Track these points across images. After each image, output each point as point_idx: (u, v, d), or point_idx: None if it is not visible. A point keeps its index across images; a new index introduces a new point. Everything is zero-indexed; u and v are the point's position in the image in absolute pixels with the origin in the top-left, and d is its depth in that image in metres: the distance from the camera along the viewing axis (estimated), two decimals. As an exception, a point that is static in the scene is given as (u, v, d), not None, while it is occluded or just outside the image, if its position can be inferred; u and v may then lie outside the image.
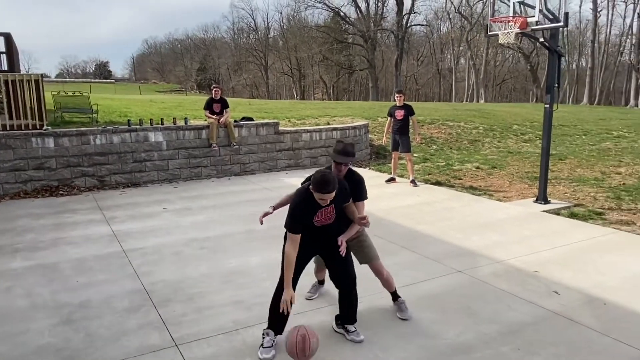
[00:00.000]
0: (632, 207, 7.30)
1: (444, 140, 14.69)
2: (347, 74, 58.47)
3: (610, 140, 16.16)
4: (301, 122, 14.03)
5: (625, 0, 44.01)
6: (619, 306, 4.02)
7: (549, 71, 7.31)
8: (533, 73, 44.61)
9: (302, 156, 11.13)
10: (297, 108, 18.36)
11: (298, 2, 52.25)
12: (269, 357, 3.25)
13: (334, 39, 51.61)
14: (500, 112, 21.53)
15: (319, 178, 3.08)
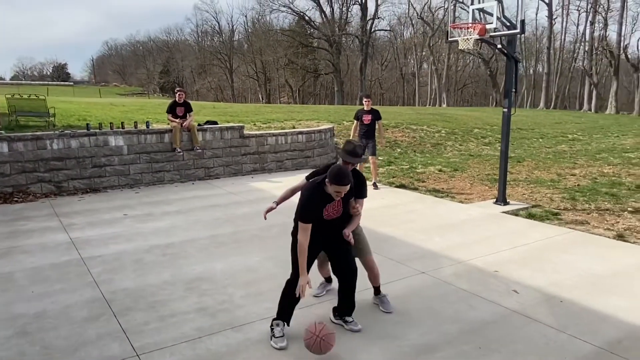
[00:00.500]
0: (586, 207, 7.60)
1: (408, 144, 14.93)
2: (312, 78, 58.67)
3: (565, 143, 16.80)
4: (267, 125, 13.97)
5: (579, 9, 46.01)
6: (574, 303, 4.17)
7: (507, 76, 7.53)
8: (492, 78, 45.94)
9: (267, 160, 11.08)
10: (263, 112, 18.28)
11: (263, 6, 52.25)
12: (284, 345, 3.43)
13: (299, 42, 51.72)
14: (461, 116, 22.06)
15: (338, 172, 3.25)
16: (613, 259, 5.25)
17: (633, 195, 8.40)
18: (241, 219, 6.99)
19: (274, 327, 3.56)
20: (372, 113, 9.11)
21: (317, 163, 11.78)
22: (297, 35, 52.52)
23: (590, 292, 4.39)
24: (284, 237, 6.07)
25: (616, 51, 38.95)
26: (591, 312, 3.99)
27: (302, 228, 3.36)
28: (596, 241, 5.92)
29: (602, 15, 40.68)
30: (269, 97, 59.94)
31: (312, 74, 55.99)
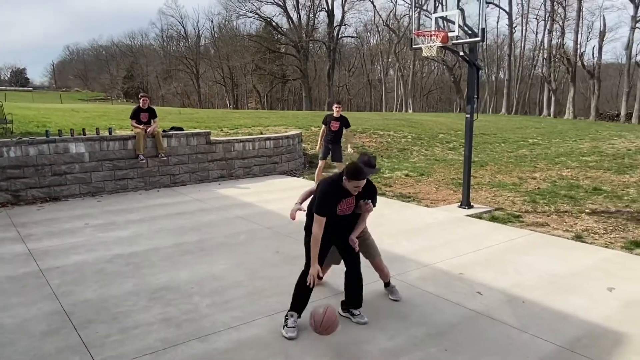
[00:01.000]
0: (546, 210, 7.84)
1: (375, 149, 15.07)
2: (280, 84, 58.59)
3: (526, 148, 17.31)
4: (234, 131, 13.85)
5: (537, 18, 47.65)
6: (536, 303, 4.28)
7: (469, 83, 7.71)
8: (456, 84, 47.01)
9: (235, 166, 10.98)
10: (230, 117, 18.12)
11: (229, 11, 51.86)
12: (294, 335, 3.66)
13: (267, 48, 51.59)
14: (427, 122, 22.44)
15: (355, 168, 3.54)
16: (572, 260, 5.42)
17: (590, 198, 8.72)
18: (207, 226, 6.89)
19: (288, 317, 3.77)
20: (341, 120, 9.11)
21: (285, 169, 11.75)
22: (265, 41, 52.37)
23: (550, 292, 4.52)
24: (251, 243, 6.04)
25: (573, 59, 40.51)
26: (552, 312, 4.10)
27: (318, 221, 3.58)
28: (556, 242, 6.11)
29: (560, 24, 42.25)
30: (237, 102, 59.51)
31: (280, 79, 55.91)
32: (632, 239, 6.13)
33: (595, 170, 12.00)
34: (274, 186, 10.12)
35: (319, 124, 17.71)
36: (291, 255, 5.60)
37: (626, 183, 10.19)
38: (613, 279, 4.82)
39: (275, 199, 8.70)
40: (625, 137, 21.05)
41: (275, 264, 5.30)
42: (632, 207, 7.96)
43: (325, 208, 3.60)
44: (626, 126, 30.15)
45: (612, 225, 6.82)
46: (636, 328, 3.81)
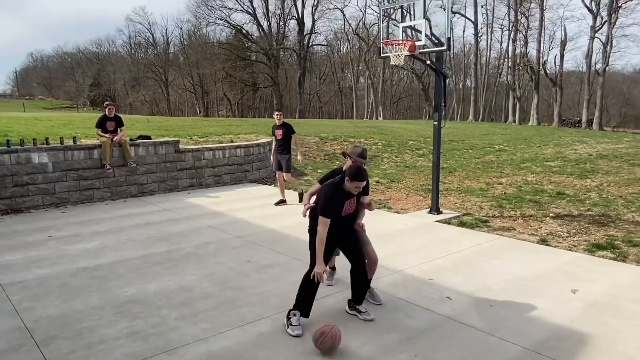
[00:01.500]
0: (512, 214, 8.03)
1: (346, 156, 15.15)
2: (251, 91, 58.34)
3: (493, 154, 17.72)
4: (204, 140, 13.69)
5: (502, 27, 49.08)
6: (503, 307, 4.36)
7: (437, 91, 7.85)
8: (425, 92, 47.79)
9: (204, 175, 10.84)
10: (200, 125, 17.92)
11: (199, 19, 51.39)
12: (300, 332, 3.80)
13: (237, 56, 51.34)
14: (397, 129, 22.73)
15: (357, 171, 3.78)
16: (537, 263, 5.55)
17: (554, 202, 8.97)
18: (176, 236, 6.77)
19: (291, 317, 3.91)
20: (284, 127, 8.79)
21: (256, 177, 11.67)
22: (235, 49, 52.11)
23: (517, 295, 4.61)
24: (221, 253, 5.96)
25: (536, 67, 41.79)
26: (518, 315, 4.19)
27: (323, 222, 3.77)
28: (521, 246, 6.25)
29: (523, 33, 43.58)
30: (207, 110, 58.90)
31: (250, 87, 55.67)
32: (594, 242, 6.33)
33: (559, 175, 12.37)
34: (245, 194, 10.04)
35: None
36: (262, 264, 5.55)
37: (588, 187, 10.54)
38: (576, 281, 4.96)
39: (246, 208, 8.63)
40: (587, 142, 21.80)
41: (246, 274, 5.24)
42: (593, 211, 8.23)
43: (330, 210, 3.81)
44: (587, 132, 31.25)
45: (575, 229, 7.03)
46: (599, 328, 3.93)
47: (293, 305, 3.98)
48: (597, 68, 40.22)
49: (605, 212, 8.11)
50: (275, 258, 5.76)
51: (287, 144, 8.84)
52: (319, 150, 15.11)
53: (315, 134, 17.52)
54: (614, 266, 5.45)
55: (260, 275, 5.18)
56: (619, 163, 14.83)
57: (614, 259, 5.69)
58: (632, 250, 5.99)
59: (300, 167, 12.99)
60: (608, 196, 9.51)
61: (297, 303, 3.98)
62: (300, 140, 15.76)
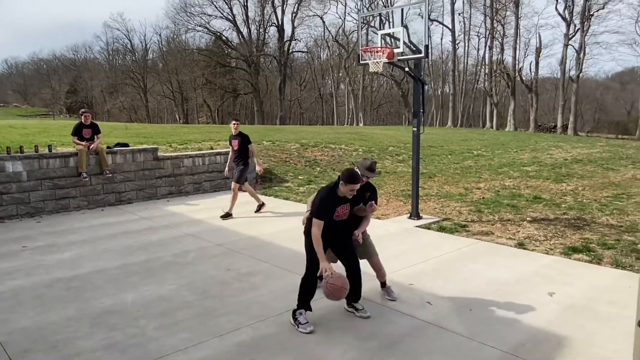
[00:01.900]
0: (491, 219, 8.13)
1: (327, 163, 15.17)
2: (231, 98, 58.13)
3: (471, 159, 17.96)
4: (183, 147, 13.57)
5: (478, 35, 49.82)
6: (482, 311, 4.40)
7: (415, 98, 7.93)
8: (404, 98, 48.22)
9: (184, 182, 10.73)
10: (179, 132, 17.76)
11: (177, 25, 51.18)
12: (312, 329, 3.98)
13: (217, 62, 51.15)
14: (377, 135, 22.87)
15: (350, 174, 3.90)
16: (515, 267, 5.63)
17: (531, 206, 9.12)
18: (155, 245, 6.68)
19: (297, 316, 4.07)
20: (240, 137, 8.53)
21: (236, 184, 11.59)
22: (215, 55, 51.90)
23: (496, 299, 4.67)
24: (200, 261, 5.89)
25: (512, 74, 42.62)
26: (497, 319, 4.23)
27: (316, 224, 3.91)
28: (500, 250, 6.33)
29: (499, 41, 44.42)
30: (187, 117, 58.44)
31: (231, 93, 55.48)
32: (570, 245, 6.45)
33: (535, 179, 12.59)
34: (225, 202, 9.95)
35: (272, 138, 17.70)
36: (243, 272, 5.50)
37: (563, 191, 10.75)
38: (553, 284, 5.04)
39: (226, 215, 8.55)
40: (562, 147, 22.26)
41: (226, 282, 5.19)
42: (569, 214, 8.39)
43: (323, 212, 3.93)
44: (563, 137, 31.92)
45: (551, 232, 7.16)
46: (575, 331, 3.99)
47: (297, 305, 4.13)
48: (571, 75, 41.22)
49: (580, 216, 8.28)
50: (256, 266, 5.72)
51: (243, 155, 8.59)
52: (300, 157, 15.10)
53: (296, 140, 17.52)
54: (589, 269, 5.56)
55: (241, 284, 5.13)
56: (594, 167, 15.18)
57: (589, 262, 5.80)
58: (606, 252, 6.12)
59: (282, 173, 12.97)
60: (583, 200, 9.72)
61: (301, 302, 4.13)
62: (281, 147, 15.75)
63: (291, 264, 5.75)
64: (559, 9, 39.94)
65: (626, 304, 4.45)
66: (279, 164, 13.95)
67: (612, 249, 6.28)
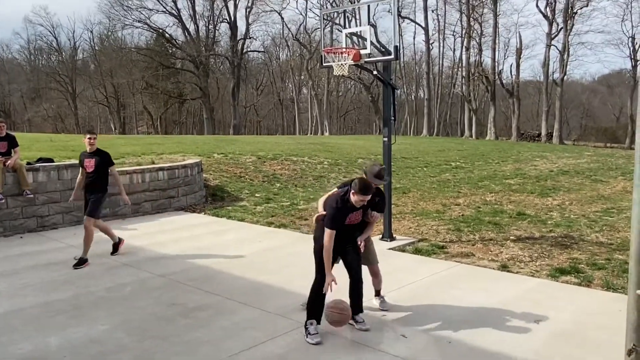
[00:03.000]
0: (471, 239, 8.31)
1: (288, 177, 15.19)
2: (177, 104, 57.57)
3: (449, 172, 18.36)
4: (120, 161, 13.29)
5: (454, 34, 51.38)
6: (463, 342, 4.46)
7: (385, 104, 8.07)
8: (374, 104, 49.05)
9: (120, 203, 10.47)
10: (115, 144, 17.41)
11: (113, 20, 50.38)
12: (320, 340, 4.44)
13: (159, 63, 50.65)
14: (344, 145, 23.10)
15: (363, 184, 4.44)
16: (498, 292, 5.76)
17: (514, 223, 9.39)
18: (85, 278, 6.49)
19: (308, 326, 4.55)
20: (98, 156, 7.56)
21: (182, 204, 11.44)
22: (157, 55, 51.41)
23: (478, 328, 4.75)
24: (139, 296, 5.77)
25: (491, 77, 44.10)
26: (480, 351, 4.30)
27: (329, 234, 4.44)
28: (482, 274, 6.47)
29: (476, 40, 45.93)
30: (124, 126, 57.45)
31: (176, 99, 54.92)
32: (557, 266, 6.65)
33: (519, 193, 12.98)
34: (170, 225, 9.81)
35: (224, 150, 17.62)
36: (189, 307, 5.41)
37: (549, 206, 11.12)
38: (540, 310, 5.18)
39: (170, 240, 8.42)
40: (547, 157, 23.09)
41: (170, 319, 5.09)
42: (555, 232, 8.67)
43: (335, 222, 4.49)
44: (547, 146, 33.14)
45: (537, 252, 7.37)
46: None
47: (307, 315, 4.61)
48: (555, 78, 43.01)
49: (568, 233, 8.56)
50: (205, 299, 5.64)
51: (99, 180, 7.46)
52: (256, 172, 15.06)
53: (252, 152, 17.48)
54: (578, 292, 5.75)
55: (187, 320, 5.04)
56: (581, 179, 15.79)
57: (578, 284, 5.99)
58: (596, 274, 6.34)
59: (235, 191, 12.89)
60: (570, 215, 10.07)
61: (311, 312, 4.61)
62: (235, 160, 15.68)
63: (246, 297, 5.70)
64: (540, 7, 41.78)
65: (617, 329, 4.60)
66: (232, 179, 13.87)
67: (603, 269, 6.52)
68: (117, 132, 52.34)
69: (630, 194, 12.33)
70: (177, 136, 34.33)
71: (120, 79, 51.63)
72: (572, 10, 40.29)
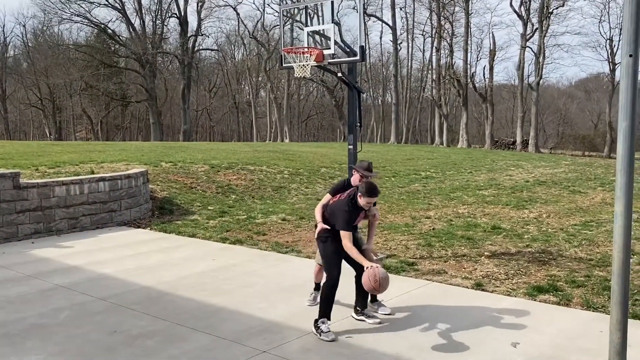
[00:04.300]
0: (443, 254, 8.43)
1: (245, 188, 15.11)
2: (120, 107, 56.73)
3: (418, 182, 18.63)
4: (55, 171, 13.01)
5: (423, 34, 52.48)
6: (435, 368, 4.50)
7: (350, 109, 8.13)
8: (338, 109, 49.36)
9: (55, 217, 10.23)
10: (50, 152, 17.05)
11: (48, 14, 49.41)
12: (334, 337, 5.08)
13: (100, 62, 49.90)
14: (306, 153, 23.16)
15: (370, 187, 5.15)
16: (472, 313, 5.84)
17: (489, 238, 9.57)
18: (15, 302, 6.28)
19: (320, 324, 5.13)
20: None
21: (126, 218, 11.22)
22: (98, 53, 50.64)
23: (451, 353, 4.80)
24: (77, 322, 5.63)
25: (463, 80, 45.13)
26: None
27: (346, 236, 5.18)
28: (455, 293, 6.56)
29: (447, 41, 46.99)
30: (60, 131, 56.22)
31: (118, 101, 54.16)
32: (535, 284, 6.81)
33: (493, 205, 13.26)
34: (111, 242, 9.60)
35: (173, 158, 17.42)
36: (134, 333, 5.29)
37: (525, 219, 11.39)
38: (517, 331, 5.28)
39: (112, 259, 8.24)
40: (523, 167, 23.71)
41: (112, 349, 4.96)
42: (532, 247, 8.88)
43: (350, 224, 5.25)
44: (523, 155, 34.05)
45: (513, 269, 7.53)
46: (543, 386, 4.18)
47: (319, 314, 5.15)
48: (530, 81, 44.30)
49: (545, 248, 8.78)
50: (152, 325, 5.53)
51: None
52: (209, 182, 14.93)
53: (205, 160, 17.33)
54: (557, 311, 5.89)
55: (132, 349, 4.93)
56: (559, 190, 16.26)
57: (557, 303, 6.14)
58: (576, 292, 6.52)
59: (186, 203, 12.73)
60: (548, 229, 10.34)
61: (323, 311, 5.17)
62: (185, 170, 15.52)
63: (198, 321, 5.61)
64: (514, 6, 43.14)
65: (598, 352, 4.74)
66: (182, 191, 13.70)
67: (582, 287, 6.70)
68: (53, 138, 51.14)
69: (610, 205, 12.78)
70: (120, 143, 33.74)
71: (56, 79, 50.47)
72: (548, 10, 41.71)
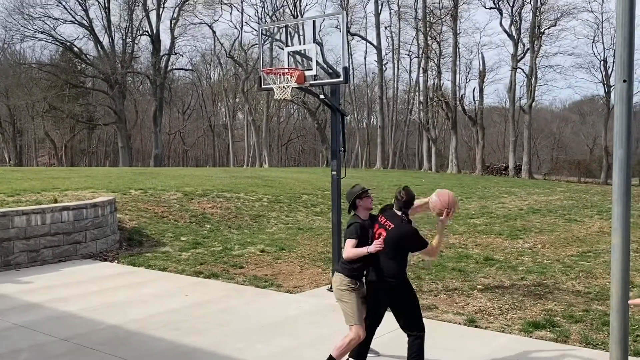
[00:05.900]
0: (433, 288, 8.43)
1: (220, 217, 15.04)
2: (86, 130, 56.42)
3: (407, 210, 18.69)
4: (14, 199, 12.86)
5: (410, 54, 53.15)
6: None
7: (333, 133, 8.18)
8: (321, 132, 49.73)
9: (14, 251, 10.08)
10: (10, 178, 16.88)
11: (10, 31, 49.33)
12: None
13: (65, 82, 49.73)
14: (287, 180, 23.16)
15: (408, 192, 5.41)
16: (465, 351, 5.83)
17: (482, 270, 9.60)
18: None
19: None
20: None
21: (92, 250, 11.09)
22: (63, 72, 50.54)
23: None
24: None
25: (452, 102, 45.70)
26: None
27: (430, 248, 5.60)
28: (446, 330, 6.54)
29: (435, 62, 47.68)
30: (20, 156, 55.66)
31: (85, 124, 53.88)
32: (531, 319, 6.82)
33: (486, 235, 13.34)
34: (75, 276, 9.46)
35: (143, 185, 17.32)
36: (98, 378, 5.18)
37: (520, 250, 11.47)
38: (513, 371, 5.27)
39: (76, 296, 8.12)
40: (516, 194, 23.94)
41: (74, 395, 4.85)
42: (528, 280, 8.93)
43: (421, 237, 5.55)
44: (516, 181, 34.40)
45: (507, 304, 7.54)
46: None
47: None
48: (522, 104, 45.02)
49: (541, 281, 8.83)
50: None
51: None
52: (182, 211, 14.83)
53: (178, 187, 17.25)
54: (555, 349, 5.89)
55: (96, 396, 4.82)
56: (554, 218, 16.42)
57: (554, 340, 6.15)
58: (574, 327, 6.54)
59: (156, 234, 12.62)
60: (543, 260, 10.41)
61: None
62: (156, 197, 15.41)
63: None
64: (504, 25, 44.02)
65: (599, 392, 4.74)
66: (152, 220, 13.59)
67: (581, 322, 6.74)
68: (12, 164, 50.60)
69: (607, 235, 12.92)
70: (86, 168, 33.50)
71: (17, 99, 50.16)
72: (539, 29, 42.62)
